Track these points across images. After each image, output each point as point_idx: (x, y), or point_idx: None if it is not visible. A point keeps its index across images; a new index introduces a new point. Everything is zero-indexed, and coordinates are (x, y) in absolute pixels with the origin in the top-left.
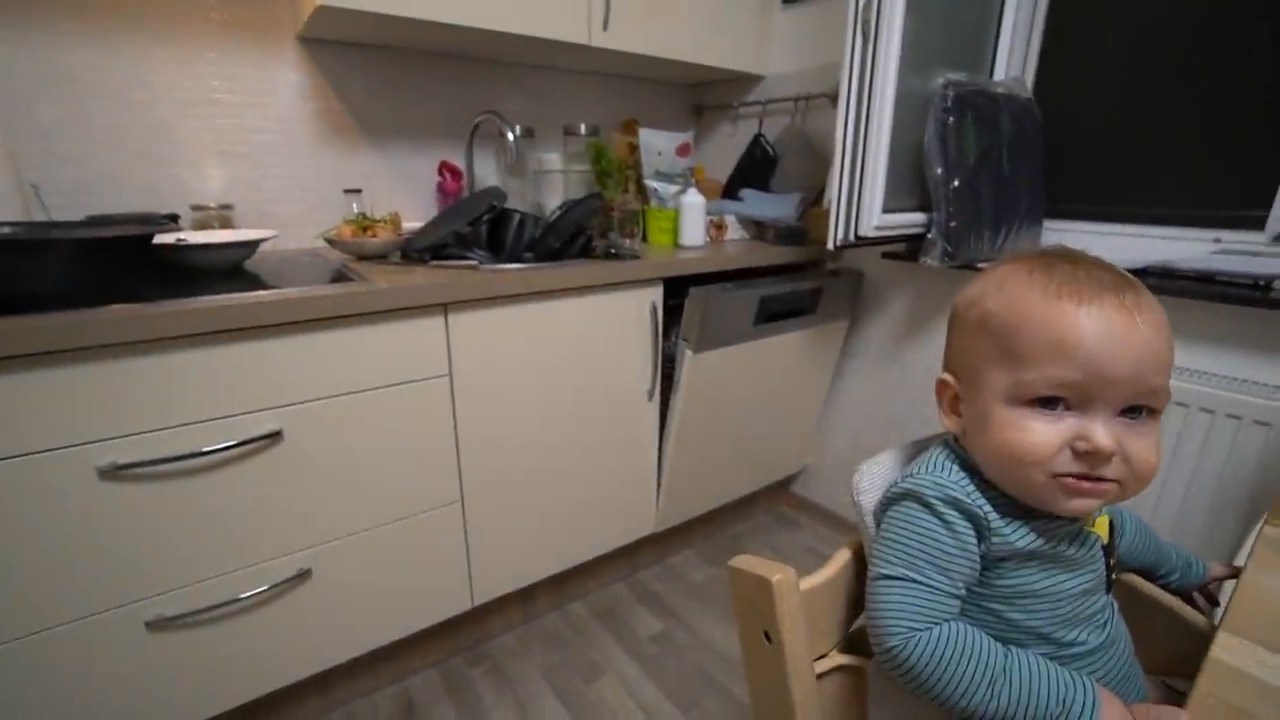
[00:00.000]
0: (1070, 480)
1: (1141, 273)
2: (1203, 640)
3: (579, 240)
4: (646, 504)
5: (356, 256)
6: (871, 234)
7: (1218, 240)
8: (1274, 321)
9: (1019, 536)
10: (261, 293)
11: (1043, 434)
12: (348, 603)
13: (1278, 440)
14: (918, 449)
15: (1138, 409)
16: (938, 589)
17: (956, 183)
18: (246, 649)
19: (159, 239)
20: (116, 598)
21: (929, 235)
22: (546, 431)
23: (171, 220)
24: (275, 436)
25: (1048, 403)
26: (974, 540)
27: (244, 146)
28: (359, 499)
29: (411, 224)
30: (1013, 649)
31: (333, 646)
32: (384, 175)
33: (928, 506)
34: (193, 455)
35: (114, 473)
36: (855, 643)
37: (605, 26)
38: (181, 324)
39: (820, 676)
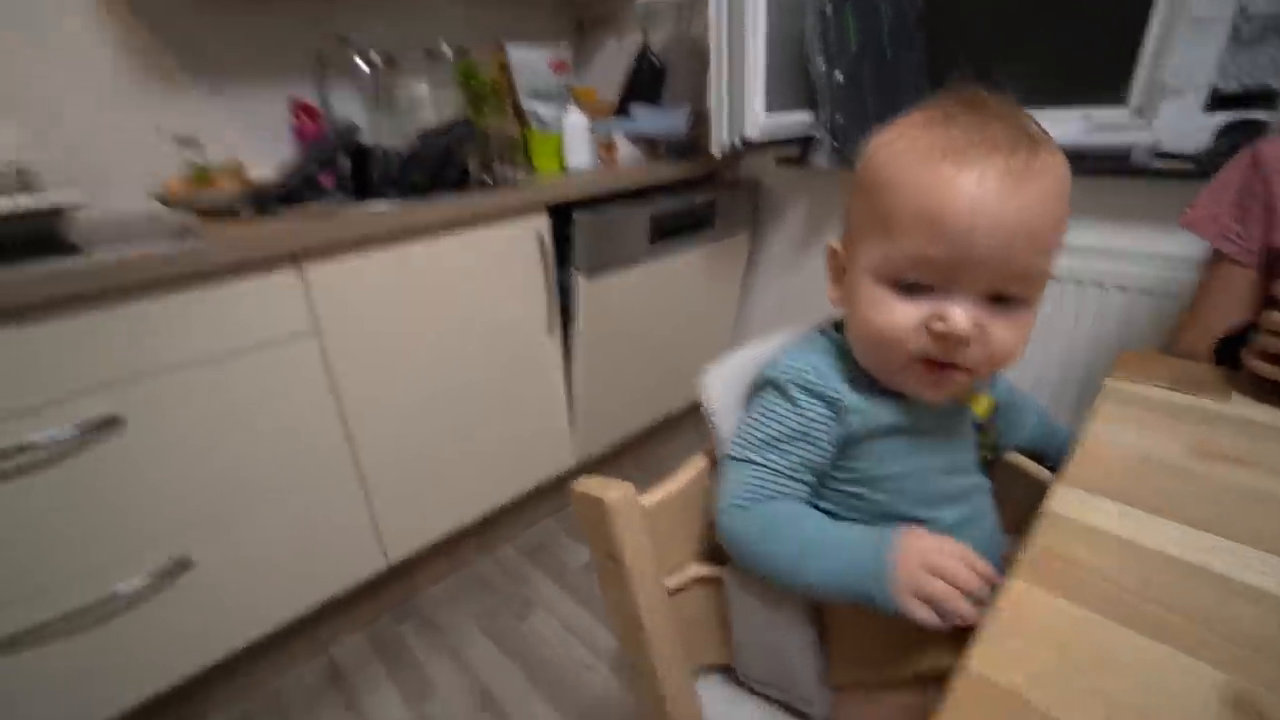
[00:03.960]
0: (923, 366)
1: None
2: None
3: (449, 171)
4: (560, 439)
5: (197, 213)
6: (756, 137)
7: (1088, 117)
8: (1132, 192)
9: (883, 412)
10: (67, 261)
11: (902, 313)
12: (246, 582)
13: (1134, 302)
14: (770, 342)
15: (1008, 297)
16: (770, 468)
17: (839, 76)
18: (129, 650)
19: None
20: None
21: (816, 135)
22: (441, 378)
23: None
24: (113, 422)
25: (912, 287)
26: (824, 422)
27: (28, 92)
28: (233, 475)
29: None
30: (834, 525)
31: (238, 628)
32: (226, 121)
33: (779, 389)
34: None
35: None
36: (719, 552)
37: None
38: None
39: (675, 592)
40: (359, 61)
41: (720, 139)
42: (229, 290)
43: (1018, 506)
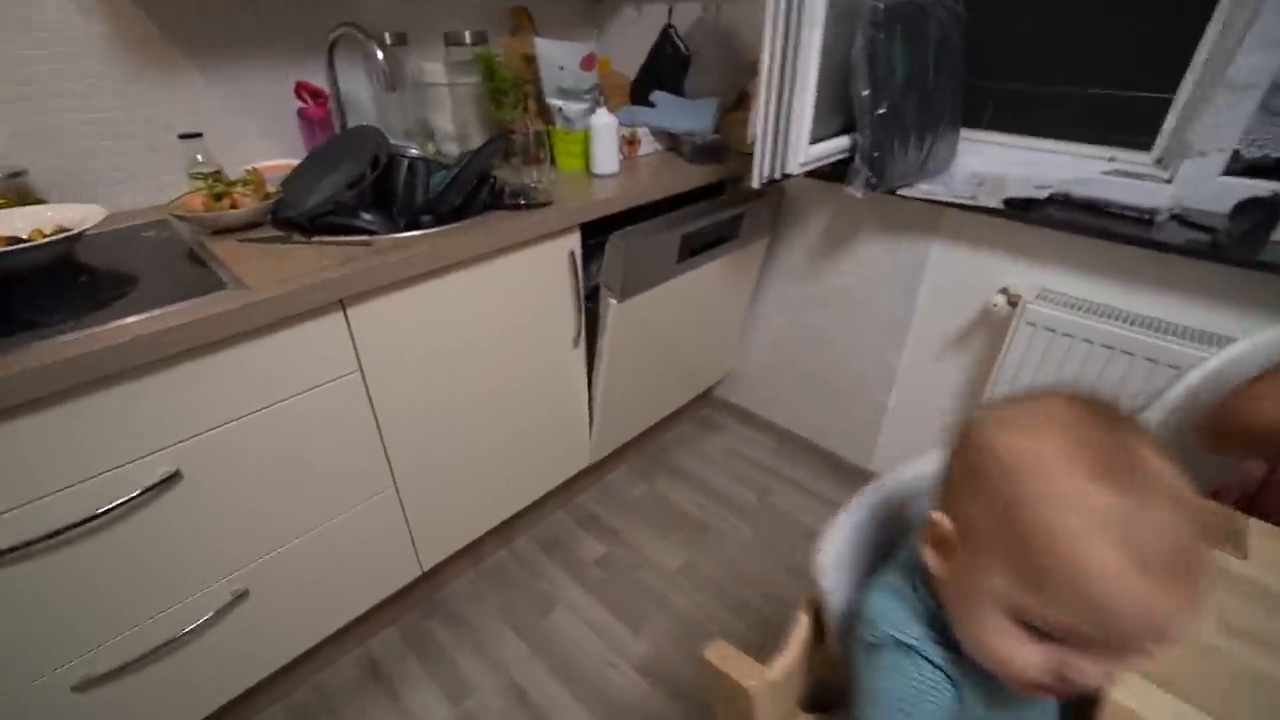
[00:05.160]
0: (1034, 687)
1: (1045, 202)
2: None
3: (483, 190)
4: (580, 441)
5: (213, 231)
6: (797, 171)
7: (1112, 159)
8: (1158, 262)
9: (972, 681)
10: (112, 326)
11: (1028, 653)
12: (293, 606)
13: (1160, 374)
14: (879, 521)
15: None
16: None
17: (883, 109)
18: (193, 676)
19: None
20: (29, 674)
21: (854, 163)
22: (472, 398)
23: None
24: (172, 479)
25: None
26: (945, 687)
27: (19, 87)
28: (283, 511)
29: (275, 163)
30: None
31: (286, 644)
32: (227, 108)
33: (903, 655)
34: (69, 528)
35: None
36: (817, 698)
37: None
38: (18, 391)
39: None
40: (375, 48)
41: (762, 171)
42: (277, 340)
43: None
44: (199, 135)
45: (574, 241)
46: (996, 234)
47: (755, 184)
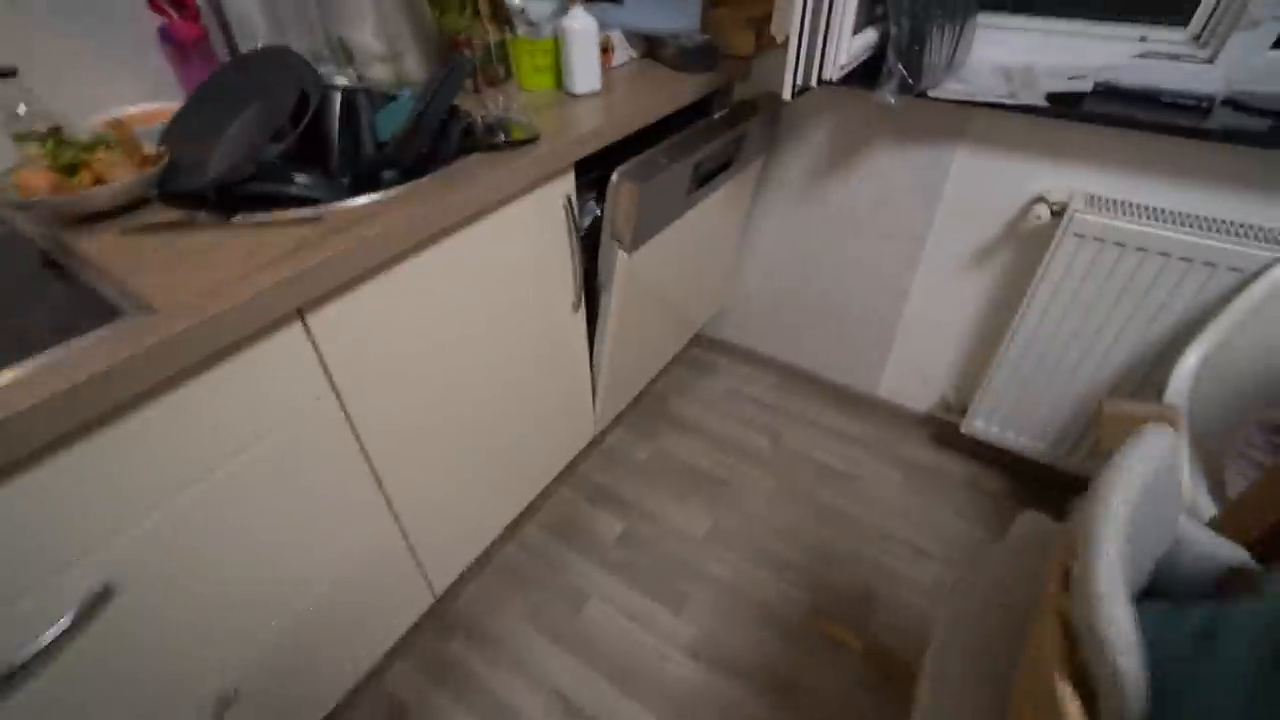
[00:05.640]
0: None
1: (1089, 95)
2: None
3: (453, 129)
4: (585, 414)
5: (75, 220)
6: (835, 75)
7: (1143, 39)
8: (1212, 154)
9: None
10: None
11: None
12: (297, 685)
13: (1219, 280)
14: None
15: None
16: None
17: None
18: None
19: None
20: None
21: (885, 61)
22: (466, 392)
23: None
24: (100, 602)
25: None
26: None
27: None
28: (262, 588)
29: (144, 108)
30: None
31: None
32: (47, 30)
33: None
34: None
35: None
36: None
37: None
38: None
39: None
40: None
41: (795, 78)
42: (214, 380)
43: None
44: (11, 73)
45: (568, 185)
46: (1031, 135)
47: (786, 94)
